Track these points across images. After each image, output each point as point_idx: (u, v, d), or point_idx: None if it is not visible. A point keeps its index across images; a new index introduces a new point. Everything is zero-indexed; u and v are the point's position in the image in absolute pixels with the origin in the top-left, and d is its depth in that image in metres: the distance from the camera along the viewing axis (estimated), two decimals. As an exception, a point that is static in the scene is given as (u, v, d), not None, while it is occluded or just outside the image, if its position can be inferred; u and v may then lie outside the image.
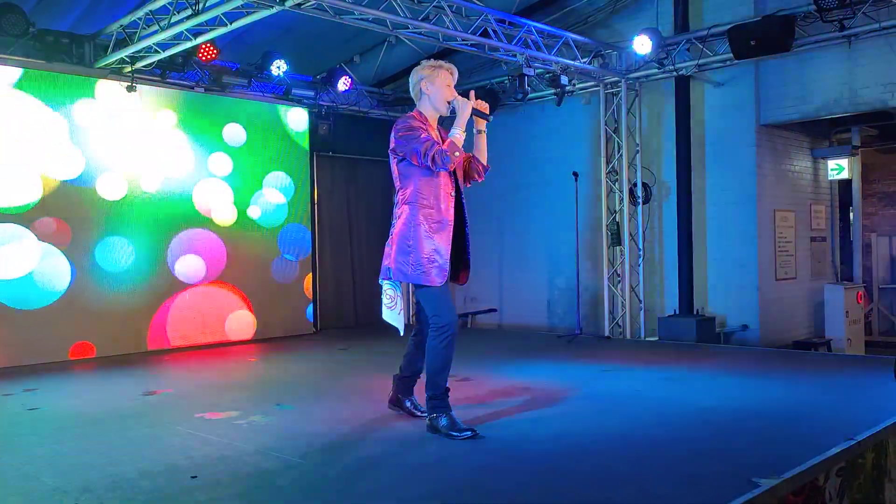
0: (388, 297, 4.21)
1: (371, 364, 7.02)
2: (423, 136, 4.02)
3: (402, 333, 4.28)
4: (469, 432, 3.97)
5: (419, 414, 4.38)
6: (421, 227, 4.02)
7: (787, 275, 8.95)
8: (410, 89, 4.28)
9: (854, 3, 6.75)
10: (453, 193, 4.15)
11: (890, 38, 7.20)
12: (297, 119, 9.40)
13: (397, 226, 4.11)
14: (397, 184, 4.19)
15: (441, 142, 4.06)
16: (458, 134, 4.05)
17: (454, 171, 4.15)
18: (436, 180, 4.07)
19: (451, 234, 4.12)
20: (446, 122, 4.19)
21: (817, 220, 9.68)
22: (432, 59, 4.32)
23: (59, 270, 7.44)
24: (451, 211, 4.12)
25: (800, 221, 9.26)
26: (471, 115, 4.12)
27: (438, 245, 4.04)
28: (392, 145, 4.12)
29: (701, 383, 5.65)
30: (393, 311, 4.21)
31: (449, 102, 4.16)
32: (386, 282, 4.20)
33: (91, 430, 4.48)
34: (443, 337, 4.01)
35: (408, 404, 4.49)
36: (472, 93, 4.19)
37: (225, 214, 8.67)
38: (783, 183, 9.03)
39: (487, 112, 4.19)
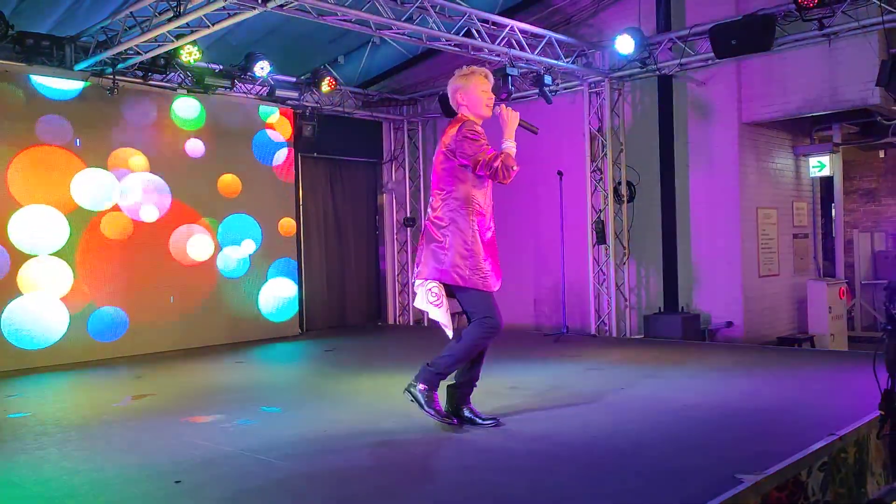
0: (433, 295, 4.14)
1: (357, 365, 7.00)
2: (487, 145, 4.01)
3: (451, 334, 4.23)
4: (439, 415, 4.10)
5: (480, 422, 4.21)
6: (476, 233, 4.09)
7: (770, 272, 9.02)
8: (450, 101, 4.26)
9: (833, 2, 6.79)
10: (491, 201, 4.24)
11: (869, 37, 7.27)
12: (280, 120, 9.37)
13: (451, 230, 4.08)
14: (439, 184, 4.13)
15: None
16: (511, 146, 4.04)
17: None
18: (485, 189, 4.15)
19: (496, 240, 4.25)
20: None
21: (799, 216, 9.76)
22: (464, 67, 4.29)
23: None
24: (491, 218, 4.25)
25: (782, 218, 9.33)
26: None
27: (490, 251, 4.18)
28: (451, 146, 4.04)
29: (685, 380, 5.69)
30: (440, 309, 4.16)
31: (488, 105, 4.14)
32: (431, 281, 4.15)
33: (75, 436, 4.45)
34: (486, 331, 4.09)
35: (467, 413, 4.25)
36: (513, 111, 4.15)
37: (210, 215, 8.62)
38: (765, 180, 9.10)
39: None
